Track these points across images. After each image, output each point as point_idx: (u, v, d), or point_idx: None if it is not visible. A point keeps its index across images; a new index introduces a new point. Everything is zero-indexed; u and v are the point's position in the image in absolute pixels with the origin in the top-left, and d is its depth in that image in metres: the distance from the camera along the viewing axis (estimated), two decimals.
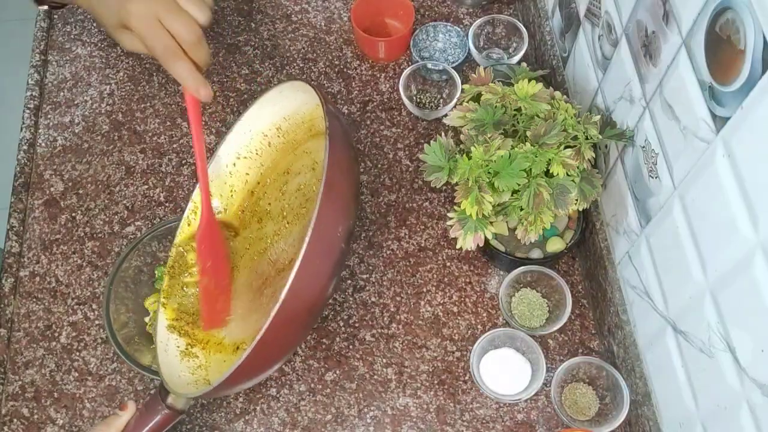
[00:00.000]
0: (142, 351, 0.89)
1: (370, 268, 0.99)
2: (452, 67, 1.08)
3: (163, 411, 0.77)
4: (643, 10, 0.75)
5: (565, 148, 0.83)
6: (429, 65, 1.09)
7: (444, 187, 1.02)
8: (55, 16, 1.20)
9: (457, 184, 0.84)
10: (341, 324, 0.96)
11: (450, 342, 0.94)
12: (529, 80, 0.86)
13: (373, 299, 0.97)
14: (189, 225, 0.90)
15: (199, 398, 0.78)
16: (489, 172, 0.82)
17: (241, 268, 0.89)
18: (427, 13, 1.20)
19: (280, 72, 1.15)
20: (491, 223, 0.86)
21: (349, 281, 0.98)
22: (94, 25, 1.19)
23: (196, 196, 0.90)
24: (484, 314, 0.96)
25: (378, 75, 1.14)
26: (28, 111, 1.10)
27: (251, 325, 0.83)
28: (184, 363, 0.83)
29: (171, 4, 0.78)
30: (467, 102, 0.89)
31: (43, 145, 1.09)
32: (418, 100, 1.11)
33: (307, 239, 0.68)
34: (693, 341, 0.71)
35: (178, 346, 0.85)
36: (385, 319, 0.96)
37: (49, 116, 1.11)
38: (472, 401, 0.91)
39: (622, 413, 0.85)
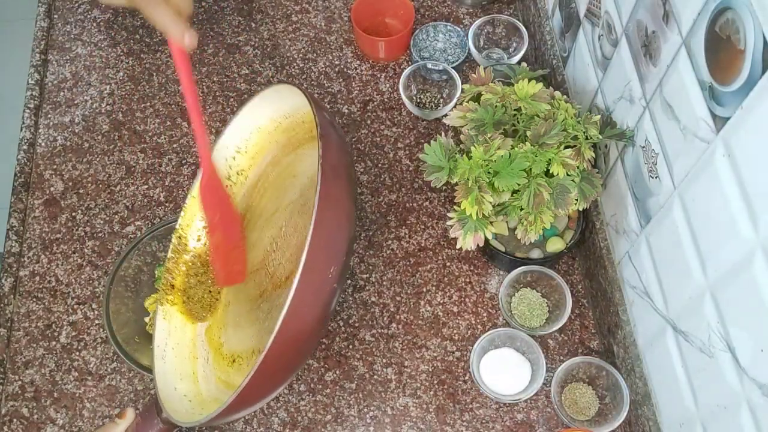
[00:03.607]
0: (142, 351, 0.89)
1: (370, 267, 0.99)
2: (452, 67, 1.08)
3: (158, 425, 0.76)
4: (643, 10, 0.75)
5: (565, 148, 0.83)
6: (429, 65, 1.09)
7: (444, 187, 1.02)
8: (55, 16, 1.20)
9: (457, 184, 0.84)
10: (341, 324, 0.96)
11: (450, 342, 0.94)
12: (529, 80, 0.86)
13: (373, 299, 0.97)
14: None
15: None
16: (489, 172, 0.82)
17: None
18: (427, 13, 1.20)
19: (280, 72, 1.15)
20: (491, 223, 0.86)
21: (349, 281, 0.98)
22: (94, 24, 1.19)
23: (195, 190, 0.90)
24: (484, 314, 0.96)
25: (378, 75, 1.14)
26: (28, 111, 1.10)
27: (248, 339, 0.82)
28: (179, 371, 0.82)
29: None
30: (467, 102, 0.89)
31: (43, 145, 1.09)
32: (418, 100, 1.11)
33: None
34: (693, 341, 0.71)
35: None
36: (385, 318, 0.96)
37: (49, 116, 1.11)
38: (471, 401, 0.91)
39: (622, 413, 0.85)
